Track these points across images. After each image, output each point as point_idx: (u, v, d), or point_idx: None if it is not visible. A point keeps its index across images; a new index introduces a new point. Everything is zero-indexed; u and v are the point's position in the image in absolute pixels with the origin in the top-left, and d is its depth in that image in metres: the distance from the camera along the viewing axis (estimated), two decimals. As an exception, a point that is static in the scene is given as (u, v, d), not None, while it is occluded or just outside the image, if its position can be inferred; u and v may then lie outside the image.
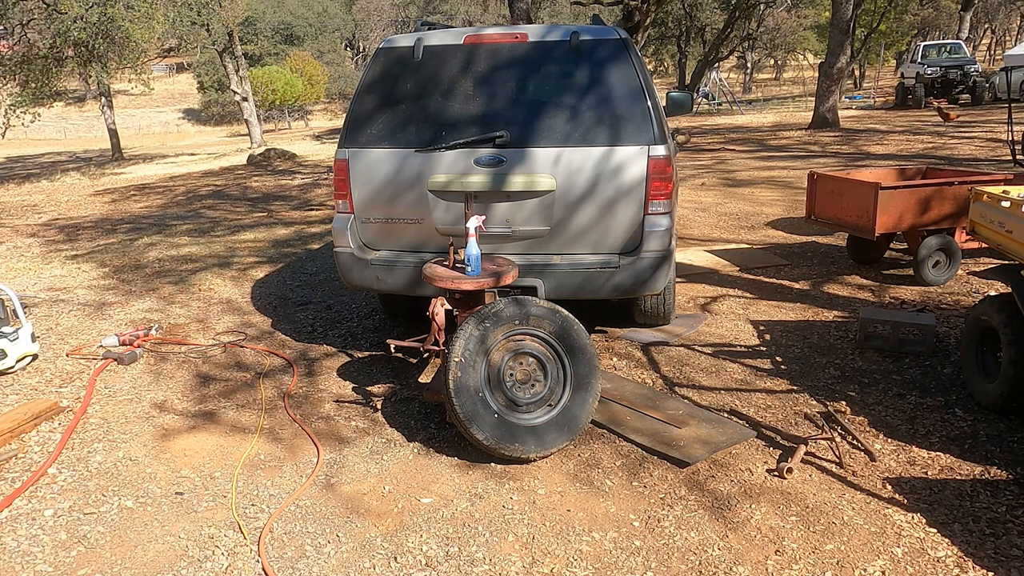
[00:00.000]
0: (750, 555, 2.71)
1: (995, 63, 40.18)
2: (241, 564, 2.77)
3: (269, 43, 42.23)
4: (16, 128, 17.80)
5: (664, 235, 4.10)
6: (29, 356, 4.73)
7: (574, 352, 3.44)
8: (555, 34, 4.25)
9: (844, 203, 5.85)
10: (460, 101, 4.19)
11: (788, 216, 8.40)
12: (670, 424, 3.61)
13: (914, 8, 35.39)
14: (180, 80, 56.21)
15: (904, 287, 5.70)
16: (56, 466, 3.50)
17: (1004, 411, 3.58)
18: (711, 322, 5.10)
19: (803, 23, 38.09)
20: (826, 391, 4.00)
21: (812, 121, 18.06)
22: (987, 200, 3.96)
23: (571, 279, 4.14)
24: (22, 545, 2.92)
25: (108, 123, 23.22)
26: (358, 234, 4.40)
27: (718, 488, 3.14)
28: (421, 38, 4.31)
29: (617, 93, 4.08)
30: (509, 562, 2.73)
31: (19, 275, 7.21)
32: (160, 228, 9.45)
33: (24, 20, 16.97)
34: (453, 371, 3.24)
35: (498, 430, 3.24)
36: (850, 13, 17.48)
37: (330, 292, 6.17)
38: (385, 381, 4.37)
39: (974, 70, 22.17)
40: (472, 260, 3.58)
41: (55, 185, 15.67)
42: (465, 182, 4.10)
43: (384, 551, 2.82)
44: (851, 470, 3.23)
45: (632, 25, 13.92)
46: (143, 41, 17.17)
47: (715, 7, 35.38)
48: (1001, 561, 2.62)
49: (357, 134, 4.29)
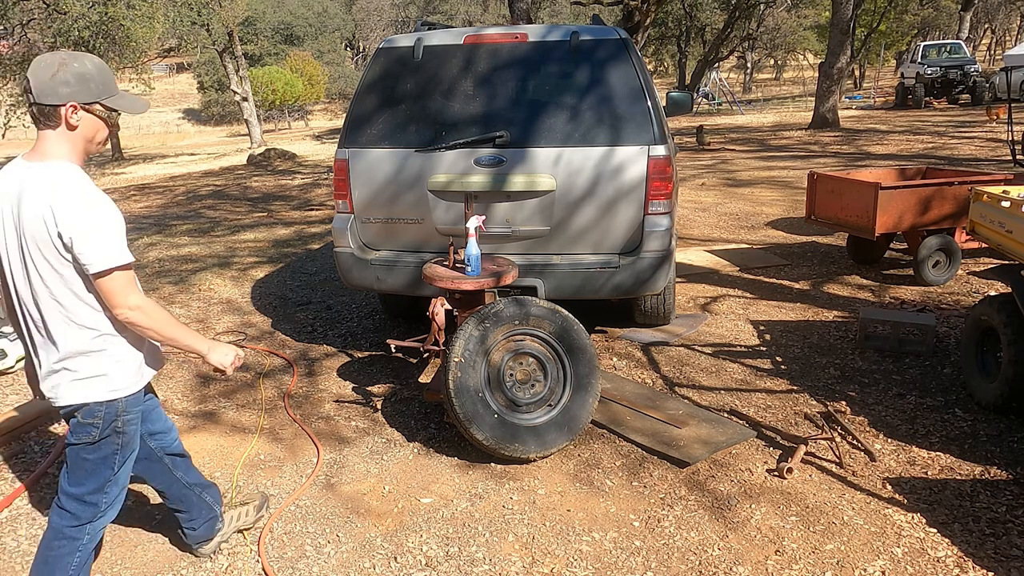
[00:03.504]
0: (750, 555, 2.71)
1: (995, 63, 40.16)
2: (241, 564, 2.77)
3: (269, 43, 42.23)
4: (16, 128, 17.79)
5: (664, 235, 4.10)
6: (29, 356, 4.72)
7: (574, 352, 3.44)
8: (555, 34, 4.25)
9: (844, 203, 5.85)
10: (460, 101, 4.19)
11: (788, 216, 8.40)
12: (670, 424, 3.61)
13: (914, 8, 35.39)
14: (180, 80, 56.20)
15: (904, 287, 5.70)
16: (56, 466, 3.50)
17: (1004, 411, 3.58)
18: (711, 322, 5.10)
19: (803, 23, 38.08)
20: (826, 391, 4.00)
21: (812, 121, 18.06)
22: (987, 200, 3.96)
23: (571, 279, 4.14)
24: (22, 545, 2.92)
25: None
26: (358, 234, 4.40)
27: (718, 488, 3.14)
28: (421, 38, 4.31)
29: (617, 93, 4.08)
30: (509, 562, 2.73)
31: (19, 275, 7.20)
32: (160, 228, 9.45)
33: (24, 20, 16.96)
34: (453, 371, 3.24)
35: (498, 430, 3.24)
36: (850, 13, 17.48)
37: (330, 292, 6.17)
38: (385, 381, 4.37)
39: (974, 70, 22.16)
40: (472, 260, 3.57)
41: (55, 185, 15.65)
42: (465, 182, 4.10)
43: (384, 551, 2.82)
44: (851, 470, 3.23)
45: (632, 25, 13.92)
46: (143, 41, 17.17)
47: (715, 7, 35.36)
48: (1001, 561, 2.62)
49: (357, 134, 4.29)
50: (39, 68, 2.04)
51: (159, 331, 2.17)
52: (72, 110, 2.05)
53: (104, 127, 2.15)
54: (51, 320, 2.12)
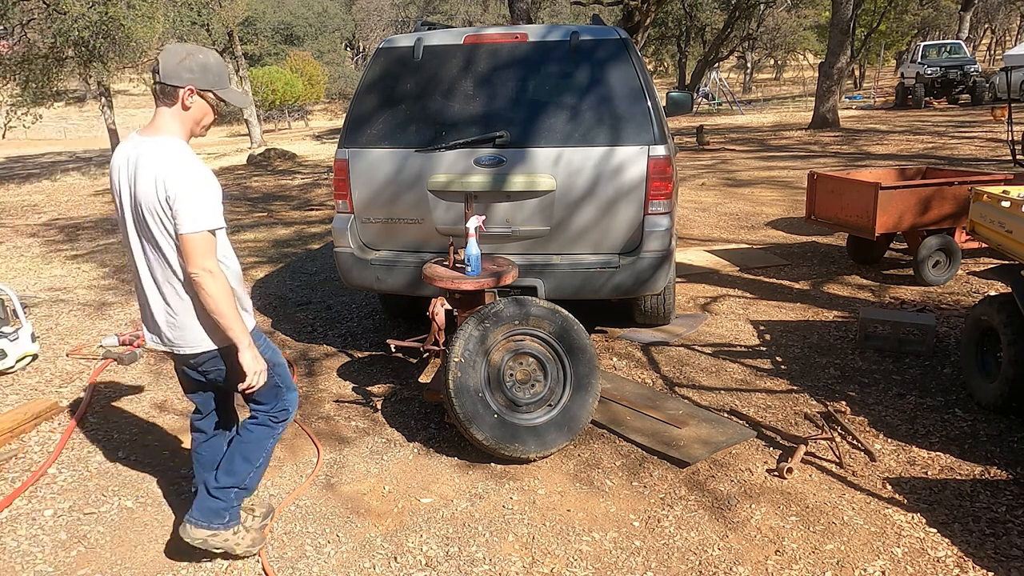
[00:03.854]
0: (750, 555, 2.71)
1: (995, 63, 40.13)
2: (241, 564, 2.76)
3: (269, 43, 42.17)
4: (16, 128, 17.76)
5: (664, 235, 4.10)
6: (29, 356, 4.73)
7: (574, 352, 3.43)
8: (555, 34, 4.25)
9: (844, 203, 5.85)
10: (460, 101, 4.19)
11: (788, 216, 8.40)
12: (670, 424, 3.61)
13: (914, 8, 35.36)
14: (180, 80, 56.13)
15: (904, 287, 5.70)
16: (56, 466, 3.50)
17: (1004, 411, 3.58)
18: (711, 322, 5.10)
19: (803, 23, 38.02)
20: (826, 391, 4.00)
21: (812, 121, 18.05)
22: (987, 200, 3.96)
23: (571, 279, 4.14)
24: (22, 545, 2.92)
25: (108, 123, 23.20)
26: (358, 234, 4.40)
27: (718, 488, 3.14)
28: (421, 38, 4.31)
29: (617, 93, 4.08)
30: (509, 562, 2.73)
31: (19, 275, 7.21)
32: (160, 228, 9.44)
33: (24, 20, 16.93)
34: (453, 371, 3.24)
35: (498, 430, 3.24)
36: (850, 13, 17.48)
37: (330, 292, 6.17)
38: (385, 381, 4.37)
39: (974, 70, 22.14)
40: (472, 260, 3.57)
41: (55, 185, 15.66)
42: (465, 182, 4.10)
43: (384, 551, 2.82)
44: (851, 470, 3.23)
45: (632, 25, 13.91)
46: (143, 41, 17.12)
47: (715, 7, 35.32)
48: (1001, 561, 2.62)
49: (357, 134, 4.29)
50: (169, 54, 2.37)
51: (217, 302, 2.35)
52: (189, 93, 2.37)
53: (211, 113, 2.46)
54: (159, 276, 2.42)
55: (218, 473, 2.69)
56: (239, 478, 2.68)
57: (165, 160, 2.30)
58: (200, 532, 2.66)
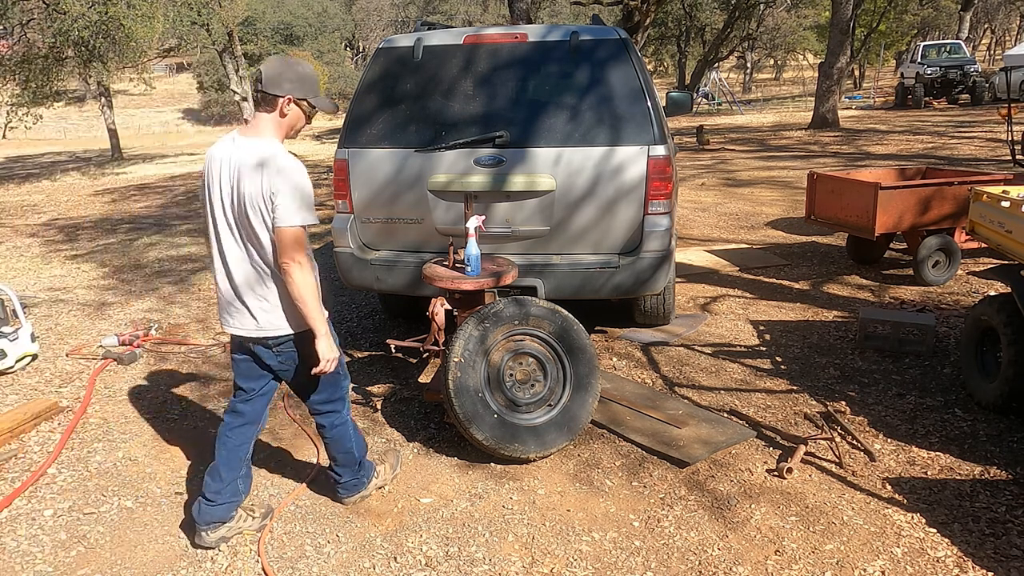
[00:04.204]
0: (750, 555, 2.71)
1: (995, 63, 40.14)
2: (241, 564, 2.77)
3: (269, 43, 42.14)
4: (16, 128, 17.76)
5: (664, 235, 4.10)
6: (29, 356, 4.73)
7: (574, 352, 3.43)
8: (555, 34, 4.25)
9: (844, 203, 5.85)
10: (460, 101, 4.19)
11: (788, 216, 8.40)
12: (670, 424, 3.61)
13: (914, 8, 35.37)
14: (180, 80, 56.16)
15: (904, 287, 5.70)
16: (56, 466, 3.50)
17: (1004, 411, 3.58)
18: (711, 322, 5.10)
19: (803, 23, 38.03)
20: (826, 391, 4.00)
21: (812, 121, 18.06)
22: (987, 200, 3.96)
23: (571, 279, 4.14)
24: (22, 545, 2.92)
25: (108, 123, 23.19)
26: (358, 234, 4.40)
27: (718, 488, 3.14)
28: (421, 38, 4.31)
29: (617, 93, 4.08)
30: (509, 562, 2.73)
31: (19, 275, 7.21)
32: (160, 228, 9.45)
33: (24, 20, 16.92)
34: (453, 371, 3.24)
35: (498, 430, 3.24)
36: (850, 13, 17.49)
37: (330, 292, 6.17)
38: (385, 381, 4.37)
39: (974, 70, 22.15)
40: (472, 260, 3.57)
41: (55, 185, 15.66)
42: (465, 182, 4.10)
43: (384, 551, 2.82)
44: (851, 470, 3.23)
45: (632, 25, 13.91)
46: (143, 40, 17.10)
47: (715, 7, 35.34)
48: (1001, 561, 2.62)
49: (357, 134, 4.29)
50: (271, 65, 2.60)
51: (303, 291, 2.56)
52: (288, 102, 2.59)
53: (304, 119, 2.68)
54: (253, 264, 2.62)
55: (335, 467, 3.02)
56: (352, 456, 3.00)
57: (270, 160, 2.51)
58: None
